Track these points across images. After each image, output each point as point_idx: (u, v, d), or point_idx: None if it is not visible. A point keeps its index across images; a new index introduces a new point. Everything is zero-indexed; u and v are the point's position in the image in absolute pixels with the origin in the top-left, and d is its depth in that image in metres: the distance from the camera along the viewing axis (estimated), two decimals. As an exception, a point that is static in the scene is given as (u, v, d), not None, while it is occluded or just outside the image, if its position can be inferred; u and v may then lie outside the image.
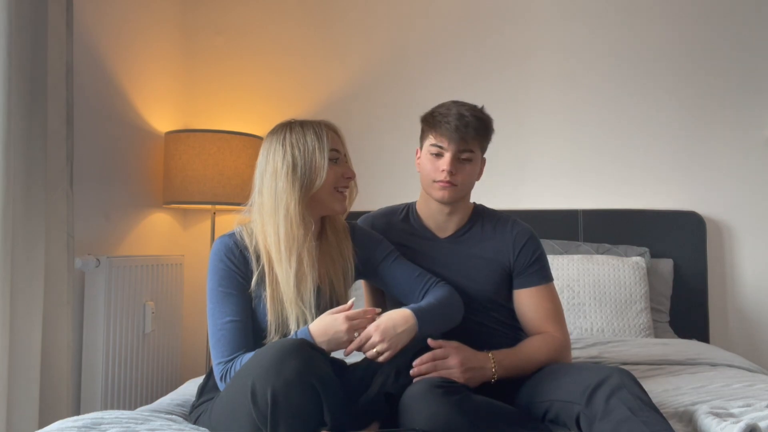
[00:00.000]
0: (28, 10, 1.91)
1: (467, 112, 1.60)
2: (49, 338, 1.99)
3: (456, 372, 1.40)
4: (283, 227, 1.44)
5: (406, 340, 1.39)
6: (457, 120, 1.58)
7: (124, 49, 2.61)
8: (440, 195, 1.62)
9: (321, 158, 1.46)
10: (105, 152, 2.49)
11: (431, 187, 1.64)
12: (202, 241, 2.99)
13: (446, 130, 1.58)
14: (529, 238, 1.68)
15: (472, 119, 1.59)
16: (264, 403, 1.20)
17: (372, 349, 1.36)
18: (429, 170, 1.63)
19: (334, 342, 1.36)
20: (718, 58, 2.79)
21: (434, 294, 1.53)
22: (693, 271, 2.68)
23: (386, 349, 1.36)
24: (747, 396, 1.58)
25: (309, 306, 1.45)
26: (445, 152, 1.60)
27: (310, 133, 1.47)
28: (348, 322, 1.35)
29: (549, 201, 2.83)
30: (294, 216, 1.44)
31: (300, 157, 1.45)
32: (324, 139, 1.47)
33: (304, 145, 1.46)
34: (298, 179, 1.45)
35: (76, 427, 1.29)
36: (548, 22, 2.89)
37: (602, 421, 1.25)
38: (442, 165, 1.59)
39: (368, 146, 2.87)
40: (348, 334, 1.35)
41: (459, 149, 1.59)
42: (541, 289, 1.65)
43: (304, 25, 3.03)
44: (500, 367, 1.48)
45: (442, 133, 1.59)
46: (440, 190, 1.62)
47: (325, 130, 1.49)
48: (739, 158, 2.76)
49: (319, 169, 1.45)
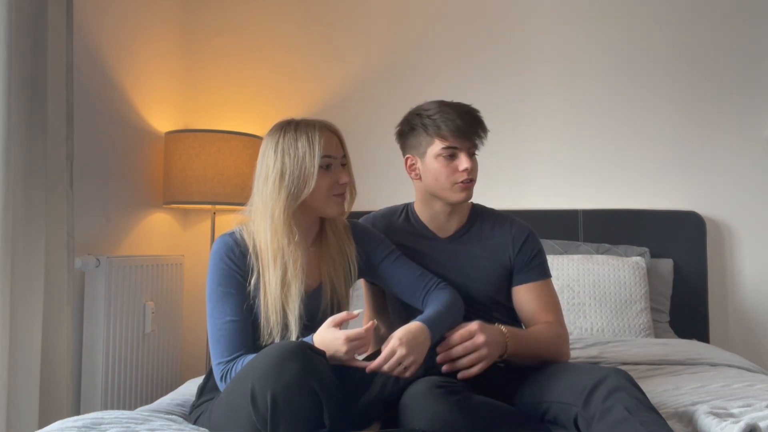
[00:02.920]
0: (28, 10, 1.91)
1: (466, 108, 1.60)
2: (49, 338, 1.99)
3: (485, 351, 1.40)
4: (270, 233, 1.44)
5: (425, 352, 1.38)
6: (465, 117, 1.57)
7: (124, 49, 2.61)
8: (463, 196, 1.61)
9: (311, 166, 1.43)
10: (105, 152, 2.49)
11: (449, 190, 1.61)
12: (202, 241, 2.99)
13: (457, 129, 1.56)
14: (528, 235, 1.68)
15: (476, 115, 1.60)
16: (264, 406, 1.20)
17: (399, 365, 1.33)
18: (444, 174, 1.59)
19: (335, 359, 1.34)
20: (718, 58, 2.79)
21: (439, 299, 1.52)
22: (693, 271, 2.68)
23: (413, 362, 1.34)
24: (747, 396, 1.57)
25: (294, 312, 1.43)
26: (460, 152, 1.59)
27: (302, 138, 1.44)
28: (348, 344, 1.31)
29: (549, 201, 2.83)
30: (278, 224, 1.43)
31: (289, 164, 1.43)
32: (316, 145, 1.44)
33: (295, 152, 1.43)
34: (285, 187, 1.43)
35: (76, 427, 1.29)
36: (549, 24, 2.89)
37: (600, 421, 1.25)
38: (462, 165, 1.58)
39: (368, 146, 2.87)
40: (348, 355, 1.33)
41: (472, 145, 1.60)
42: (540, 285, 1.66)
43: (305, 24, 3.03)
44: (512, 343, 1.47)
45: (454, 134, 1.57)
46: (462, 191, 1.60)
47: (320, 135, 1.45)
48: (739, 158, 2.76)
49: (308, 178, 1.43)
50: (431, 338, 1.39)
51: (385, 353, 1.33)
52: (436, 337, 1.42)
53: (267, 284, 1.45)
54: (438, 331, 1.43)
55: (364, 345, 1.33)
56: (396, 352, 1.33)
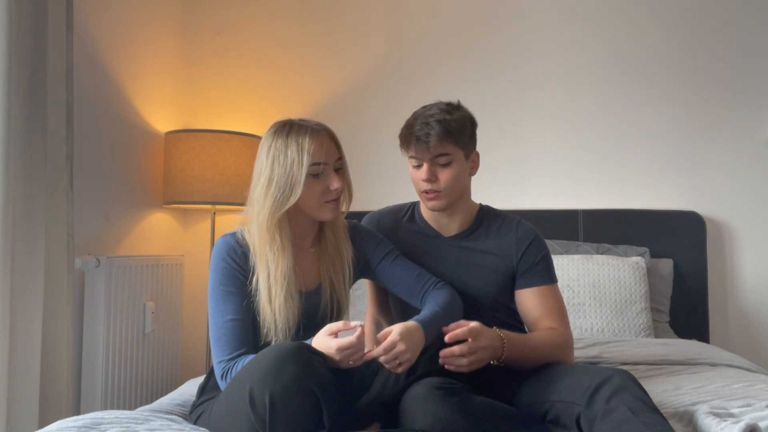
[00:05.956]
0: (28, 11, 1.91)
1: (432, 118, 1.56)
2: (49, 338, 1.99)
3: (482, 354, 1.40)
4: (256, 236, 1.46)
5: (419, 351, 1.38)
6: (420, 130, 1.56)
7: (124, 49, 2.61)
8: (430, 205, 1.64)
9: (299, 174, 1.42)
10: (105, 152, 2.49)
11: (421, 198, 1.66)
12: (202, 241, 2.99)
13: (412, 141, 1.58)
14: (534, 238, 1.67)
15: (435, 124, 1.55)
16: (262, 408, 1.20)
17: (395, 360, 1.34)
18: (415, 182, 1.64)
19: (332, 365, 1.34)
20: (718, 58, 2.79)
21: (436, 300, 1.52)
22: (693, 271, 2.68)
23: (408, 359, 1.35)
24: (747, 396, 1.57)
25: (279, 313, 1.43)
26: (422, 162, 1.60)
27: (292, 145, 1.43)
28: (339, 353, 1.31)
29: (549, 201, 2.83)
30: (263, 229, 1.44)
31: (277, 171, 1.43)
32: (304, 154, 1.42)
33: (284, 159, 1.43)
34: (271, 194, 1.43)
35: (76, 427, 1.29)
36: (548, 23, 2.89)
37: (602, 421, 1.25)
38: (421, 175, 1.60)
39: (368, 146, 2.87)
40: (341, 364, 1.33)
41: (432, 156, 1.58)
42: (545, 289, 1.64)
43: (305, 24, 3.03)
44: (509, 348, 1.46)
45: (411, 145, 1.59)
46: (427, 200, 1.63)
47: (310, 142, 1.43)
48: (739, 158, 2.76)
49: (294, 186, 1.42)
50: (426, 339, 1.40)
51: (385, 344, 1.33)
52: (431, 339, 1.42)
53: (260, 284, 1.46)
54: (433, 333, 1.42)
55: (356, 353, 1.33)
56: (396, 346, 1.33)
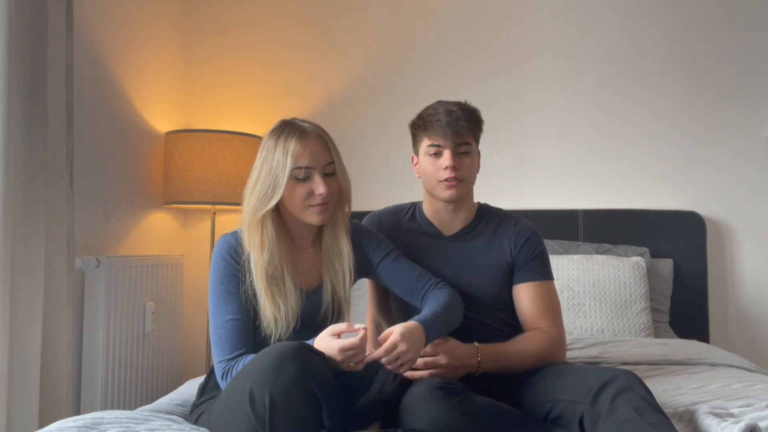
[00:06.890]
0: (28, 11, 1.91)
1: (454, 106, 1.63)
2: (49, 338, 1.99)
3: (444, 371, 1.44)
4: (245, 233, 1.47)
5: (420, 351, 1.39)
6: (447, 116, 1.60)
7: (124, 49, 2.61)
8: (448, 194, 1.63)
9: (281, 176, 1.44)
10: (105, 152, 2.49)
11: (437, 188, 1.64)
12: (202, 241, 2.99)
13: (439, 127, 1.60)
14: (531, 234, 1.69)
15: (460, 113, 1.61)
16: (262, 408, 1.20)
17: (397, 360, 1.34)
18: (431, 171, 1.63)
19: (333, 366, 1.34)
20: (718, 58, 2.79)
21: (436, 300, 1.52)
22: (693, 271, 2.68)
23: (410, 359, 1.35)
24: (747, 396, 1.58)
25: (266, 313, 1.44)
26: (444, 149, 1.61)
27: (280, 147, 1.45)
28: (341, 354, 1.31)
29: (549, 201, 2.83)
30: (245, 225, 1.47)
31: (265, 171, 1.45)
32: (288, 157, 1.43)
33: (272, 160, 1.45)
34: (256, 192, 1.45)
35: (76, 427, 1.29)
36: (549, 23, 2.89)
37: (606, 420, 1.26)
38: (444, 162, 1.60)
39: (368, 146, 2.87)
40: (343, 365, 1.33)
41: (456, 143, 1.61)
42: (539, 285, 1.65)
43: (305, 24, 3.03)
44: (486, 361, 1.49)
45: (436, 132, 1.61)
46: (447, 189, 1.62)
47: (296, 145, 1.43)
48: (739, 158, 2.76)
49: (276, 187, 1.44)
50: (426, 339, 1.40)
51: (386, 346, 1.34)
52: (432, 339, 1.42)
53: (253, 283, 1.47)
54: (434, 333, 1.43)
55: (358, 354, 1.33)
56: (397, 347, 1.33)
